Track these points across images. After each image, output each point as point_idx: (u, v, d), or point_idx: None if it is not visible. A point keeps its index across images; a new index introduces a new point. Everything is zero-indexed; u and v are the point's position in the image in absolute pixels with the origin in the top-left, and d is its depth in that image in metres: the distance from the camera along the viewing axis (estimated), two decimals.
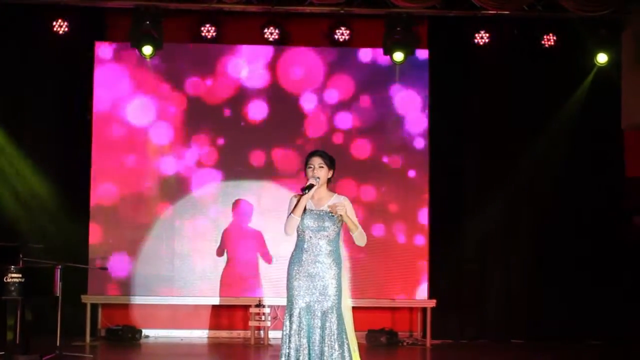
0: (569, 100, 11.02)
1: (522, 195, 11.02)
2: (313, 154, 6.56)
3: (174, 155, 10.76)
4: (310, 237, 6.42)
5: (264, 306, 10.36)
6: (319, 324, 6.33)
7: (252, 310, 10.37)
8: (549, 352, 10.29)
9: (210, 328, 10.97)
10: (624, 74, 11.02)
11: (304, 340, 6.33)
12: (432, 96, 10.93)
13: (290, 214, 6.39)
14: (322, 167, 6.47)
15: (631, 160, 11.02)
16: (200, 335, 10.95)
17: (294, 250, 6.52)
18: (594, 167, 11.02)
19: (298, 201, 6.38)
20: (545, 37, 10.73)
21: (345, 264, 6.59)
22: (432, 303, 10.60)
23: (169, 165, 10.75)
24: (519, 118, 11.05)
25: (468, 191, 11.07)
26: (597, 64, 10.79)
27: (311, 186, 6.35)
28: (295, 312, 6.37)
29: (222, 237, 10.69)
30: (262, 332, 10.50)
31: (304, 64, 10.88)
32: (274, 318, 10.72)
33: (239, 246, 10.70)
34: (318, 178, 6.43)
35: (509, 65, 11.03)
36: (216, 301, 10.71)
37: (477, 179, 11.06)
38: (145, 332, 10.80)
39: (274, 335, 10.49)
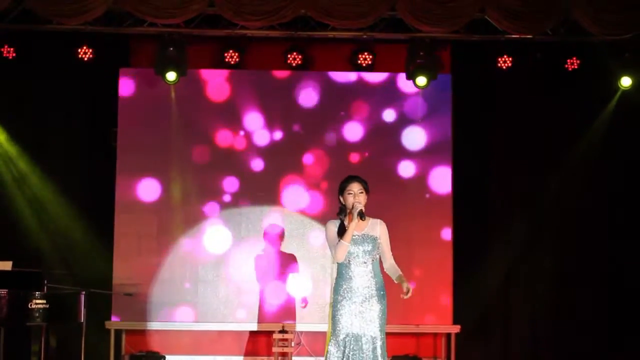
0: (593, 124, 10.97)
1: (548, 222, 10.94)
2: (352, 179, 6.53)
3: (196, 181, 10.77)
4: (350, 261, 6.42)
5: (287, 332, 10.32)
6: (367, 349, 6.32)
7: (276, 336, 10.32)
8: None
9: (234, 354, 10.92)
10: None
11: None
12: (455, 120, 10.90)
13: (340, 240, 6.37)
14: (362, 192, 6.49)
15: None
16: None
17: (337, 277, 6.51)
18: (618, 194, 10.93)
19: (347, 227, 6.37)
20: (568, 61, 10.68)
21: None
22: (457, 329, 10.53)
23: (191, 187, 10.76)
24: (543, 142, 11.00)
25: (493, 216, 11.01)
26: (621, 88, 10.72)
27: (362, 212, 6.36)
28: (341, 338, 6.36)
29: (247, 262, 10.69)
30: (285, 358, 10.45)
31: (324, 89, 10.90)
32: (298, 344, 10.67)
33: (264, 271, 10.67)
34: (359, 203, 6.42)
35: (532, 89, 10.99)
36: (240, 327, 10.68)
37: (502, 203, 11.00)
38: (168, 358, 10.77)
39: None
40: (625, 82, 10.67)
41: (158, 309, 10.62)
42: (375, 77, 10.93)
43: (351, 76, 10.93)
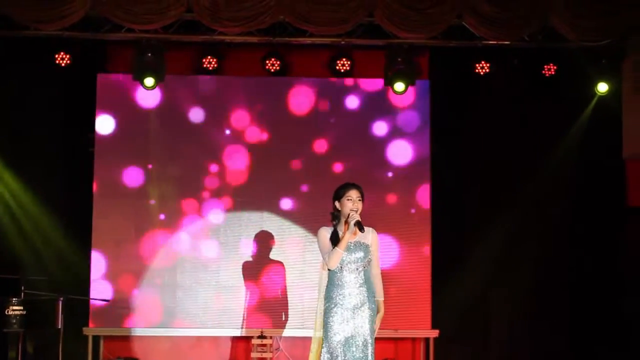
0: (569, 129, 11.04)
1: (525, 226, 10.97)
2: (352, 186, 6.58)
3: (177, 185, 10.77)
4: (342, 268, 6.44)
5: (266, 337, 10.32)
6: (358, 356, 6.35)
7: (254, 341, 10.33)
8: None
9: None
10: (624, 103, 11.03)
11: None
12: (434, 125, 10.94)
13: (334, 248, 6.39)
14: (360, 200, 6.53)
15: (633, 190, 11.02)
16: None
17: (328, 283, 6.54)
18: (594, 197, 11.01)
19: (343, 235, 6.40)
20: (545, 67, 10.75)
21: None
22: (435, 333, 10.57)
23: (171, 194, 10.76)
24: (520, 147, 11.05)
25: (469, 222, 11.05)
26: (598, 93, 10.81)
27: (360, 223, 6.39)
28: (334, 344, 6.38)
29: (226, 269, 10.69)
30: None
31: (302, 95, 10.91)
32: (277, 349, 10.68)
33: (242, 277, 10.66)
34: (356, 213, 6.45)
35: (510, 95, 11.04)
36: (218, 333, 10.67)
37: (479, 210, 11.03)
38: None
39: None
40: (602, 87, 10.76)
41: (136, 315, 10.60)
42: (352, 84, 10.95)
43: (327, 82, 10.94)
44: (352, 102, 10.94)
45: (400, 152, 10.90)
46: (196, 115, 10.84)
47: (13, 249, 10.55)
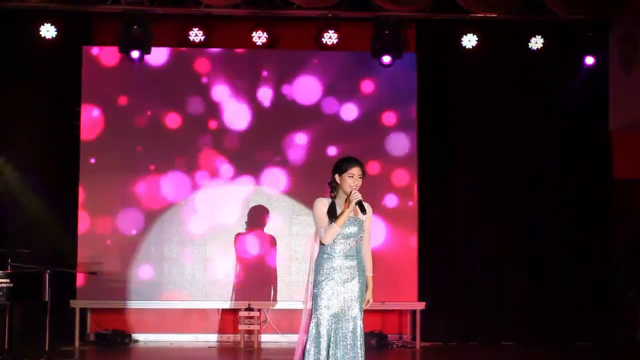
0: (557, 102, 11.06)
1: (513, 195, 11.03)
2: (355, 162, 6.44)
3: (164, 159, 10.75)
4: (335, 242, 6.40)
5: (253, 309, 10.36)
6: (347, 329, 6.36)
7: (242, 313, 10.36)
8: (538, 354, 10.31)
9: (200, 332, 10.95)
10: (611, 75, 11.05)
11: (333, 350, 6.37)
12: (420, 97, 10.93)
13: (331, 223, 6.31)
14: (361, 177, 6.43)
15: (619, 161, 11.07)
16: (189, 339, 10.93)
17: (319, 256, 6.46)
18: (581, 169, 11.06)
19: (342, 211, 6.32)
20: (532, 39, 10.75)
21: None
22: (422, 305, 10.62)
23: (159, 167, 10.75)
24: (507, 121, 11.08)
25: (456, 195, 11.09)
26: (585, 67, 10.80)
27: (362, 203, 6.30)
28: (322, 318, 6.38)
29: (212, 241, 10.70)
30: (252, 335, 10.49)
31: (291, 68, 10.88)
32: (264, 322, 10.73)
33: (229, 250, 10.69)
34: (358, 192, 6.34)
35: (497, 68, 11.04)
36: (206, 305, 10.70)
37: (466, 179, 11.08)
38: (134, 336, 10.80)
39: (264, 339, 10.53)
40: (589, 61, 10.77)
41: (123, 288, 10.59)
42: (339, 57, 10.91)
43: (315, 55, 10.91)
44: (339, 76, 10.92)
45: (388, 123, 10.89)
46: (182, 89, 10.79)
47: None
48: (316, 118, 10.87)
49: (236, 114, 10.84)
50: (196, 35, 10.62)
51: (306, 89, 10.89)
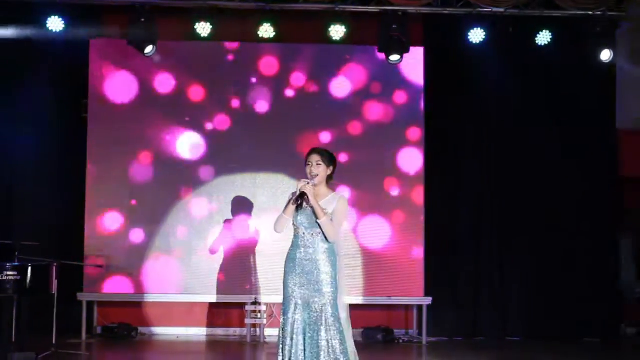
0: (564, 97, 11.05)
1: (519, 192, 11.03)
2: (312, 151, 6.58)
3: (169, 153, 10.75)
4: (304, 234, 6.45)
5: (259, 304, 10.36)
6: (315, 320, 6.35)
7: (248, 307, 10.37)
8: (545, 350, 10.31)
9: (206, 326, 10.96)
10: (618, 72, 11.03)
11: (300, 337, 6.36)
12: (427, 92, 10.91)
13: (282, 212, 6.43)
14: (320, 164, 6.49)
15: (626, 159, 11.06)
16: (196, 332, 10.95)
17: (290, 247, 6.56)
18: (588, 166, 11.05)
19: (289, 201, 6.39)
20: (540, 34, 10.73)
21: (342, 262, 6.62)
22: (428, 301, 10.61)
23: (164, 162, 10.74)
24: (514, 115, 11.08)
25: (464, 186, 11.09)
26: (601, 62, 10.67)
27: (302, 195, 6.33)
28: (291, 308, 6.39)
29: (218, 234, 10.70)
30: (258, 329, 10.49)
31: (298, 62, 10.88)
32: (270, 316, 10.73)
33: (235, 243, 10.68)
34: (316, 175, 6.44)
35: (504, 62, 11.02)
36: (212, 299, 10.70)
37: (473, 176, 11.07)
38: (141, 329, 10.82)
39: (270, 332, 10.51)
40: (604, 56, 10.61)
41: (130, 281, 10.60)
42: (345, 51, 10.90)
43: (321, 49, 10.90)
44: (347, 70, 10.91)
45: (394, 118, 10.88)
46: (189, 84, 10.79)
47: (6, 214, 10.61)
48: (317, 113, 10.87)
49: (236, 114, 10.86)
50: (203, 28, 10.58)
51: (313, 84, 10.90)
